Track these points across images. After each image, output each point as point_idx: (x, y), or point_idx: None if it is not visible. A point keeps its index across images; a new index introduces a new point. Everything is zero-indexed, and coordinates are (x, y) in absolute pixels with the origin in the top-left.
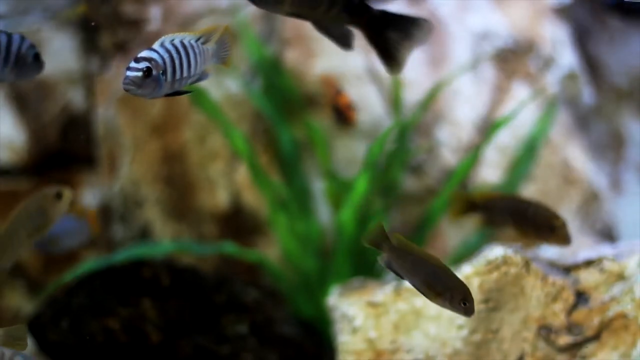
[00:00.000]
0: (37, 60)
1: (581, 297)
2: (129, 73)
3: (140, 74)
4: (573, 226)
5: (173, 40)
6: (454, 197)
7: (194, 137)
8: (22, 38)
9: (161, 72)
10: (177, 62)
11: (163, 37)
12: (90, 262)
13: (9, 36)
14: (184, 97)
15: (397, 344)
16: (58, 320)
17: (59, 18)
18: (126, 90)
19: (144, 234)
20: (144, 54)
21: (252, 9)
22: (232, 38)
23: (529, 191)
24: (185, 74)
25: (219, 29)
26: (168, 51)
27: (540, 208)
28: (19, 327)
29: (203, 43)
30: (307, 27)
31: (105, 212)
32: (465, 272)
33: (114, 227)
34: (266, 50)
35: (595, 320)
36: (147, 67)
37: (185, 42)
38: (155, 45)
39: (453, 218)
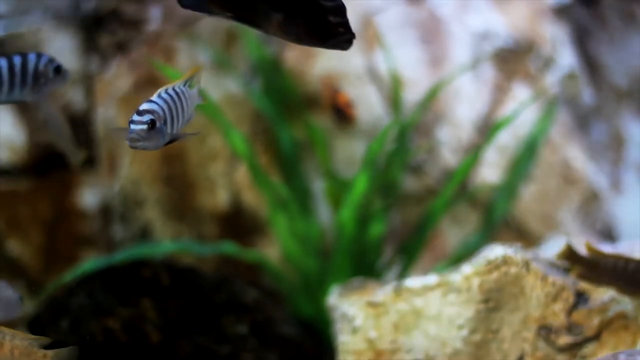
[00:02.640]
0: (59, 73)
1: (581, 297)
2: (133, 127)
3: (145, 127)
4: (573, 226)
5: (167, 90)
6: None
7: (193, 137)
8: (39, 55)
9: (163, 122)
10: (173, 110)
11: (159, 90)
12: (90, 262)
13: (24, 57)
14: None
15: (397, 344)
16: (58, 320)
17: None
18: (132, 145)
19: (144, 234)
20: (145, 106)
21: None
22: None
23: (529, 191)
24: (180, 119)
25: (198, 71)
26: (165, 101)
27: None
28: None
29: (189, 87)
30: None
31: (105, 212)
32: (465, 272)
33: (114, 227)
34: (266, 50)
35: (595, 320)
36: (151, 120)
37: (177, 89)
38: (154, 97)
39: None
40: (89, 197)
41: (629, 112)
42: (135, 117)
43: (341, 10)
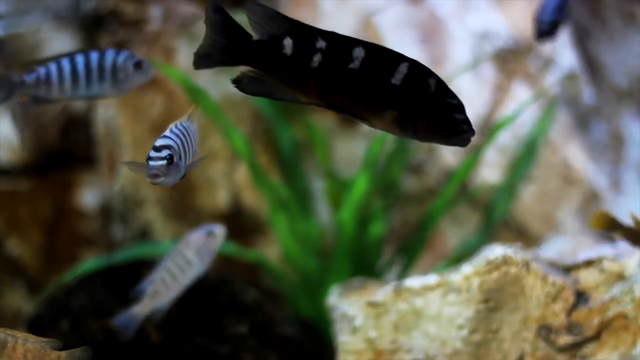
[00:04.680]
0: (139, 68)
1: (581, 297)
2: (153, 163)
3: (164, 162)
4: (573, 226)
5: (176, 125)
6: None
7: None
8: (118, 51)
9: (179, 157)
10: (185, 145)
11: (169, 126)
12: (90, 262)
13: (102, 52)
14: (183, 96)
15: (397, 344)
16: (58, 320)
17: None
18: (152, 181)
19: (144, 234)
20: (161, 142)
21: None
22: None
23: (529, 191)
24: (190, 153)
25: (195, 109)
26: (178, 136)
27: None
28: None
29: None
30: None
31: (105, 212)
32: (465, 272)
33: (114, 227)
34: None
35: (595, 320)
36: (170, 155)
37: (184, 125)
38: (167, 133)
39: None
40: (89, 197)
41: (629, 112)
42: (153, 154)
43: (464, 107)
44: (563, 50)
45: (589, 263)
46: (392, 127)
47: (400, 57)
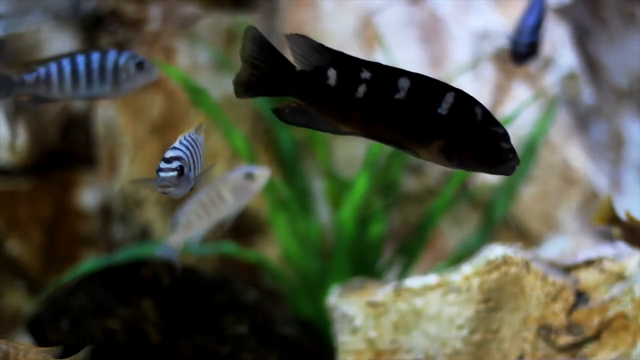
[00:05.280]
0: (141, 68)
1: (581, 297)
2: (163, 174)
3: (175, 173)
4: (573, 226)
5: (185, 137)
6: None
7: None
8: (119, 51)
9: (189, 168)
10: (194, 156)
11: (178, 137)
12: (90, 262)
13: (103, 53)
14: (183, 96)
15: (397, 344)
16: (58, 320)
17: None
18: (163, 191)
19: (144, 234)
20: (171, 153)
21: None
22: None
23: (529, 191)
24: (199, 165)
25: (202, 122)
26: (187, 147)
27: None
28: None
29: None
30: (307, 26)
31: (105, 212)
32: (465, 272)
33: (114, 227)
34: None
35: (595, 320)
36: (180, 166)
37: (192, 136)
38: (177, 144)
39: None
40: (89, 197)
41: (629, 112)
42: (164, 165)
43: (509, 136)
44: (563, 50)
45: (589, 263)
46: (438, 157)
47: (446, 87)
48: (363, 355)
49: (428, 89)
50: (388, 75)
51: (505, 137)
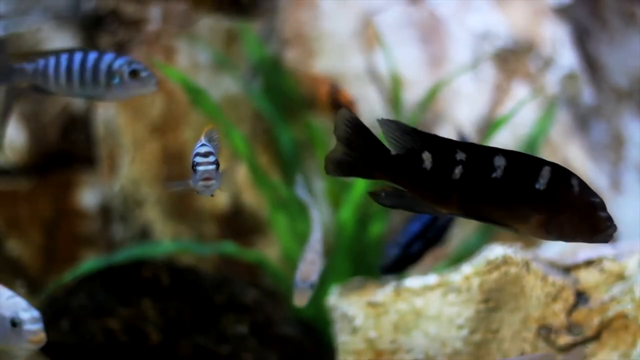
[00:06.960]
0: (136, 76)
1: (581, 297)
2: (203, 168)
3: (214, 166)
4: None
5: (203, 141)
6: None
7: (194, 137)
8: (117, 55)
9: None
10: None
11: (200, 140)
12: (90, 262)
13: (100, 54)
14: (183, 96)
15: (397, 344)
16: (58, 320)
17: None
18: (205, 184)
19: (144, 234)
20: (205, 149)
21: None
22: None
23: None
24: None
25: (214, 128)
26: (212, 146)
27: None
28: None
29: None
30: (307, 26)
31: (105, 212)
32: (465, 272)
33: (114, 227)
34: (266, 50)
35: (595, 320)
36: (216, 160)
37: (213, 137)
38: (204, 141)
39: None
40: (89, 197)
41: (629, 112)
42: (201, 159)
43: (605, 204)
44: (563, 50)
45: (589, 263)
46: (538, 231)
47: (541, 162)
48: (363, 355)
49: (524, 166)
50: (483, 154)
51: (602, 206)
